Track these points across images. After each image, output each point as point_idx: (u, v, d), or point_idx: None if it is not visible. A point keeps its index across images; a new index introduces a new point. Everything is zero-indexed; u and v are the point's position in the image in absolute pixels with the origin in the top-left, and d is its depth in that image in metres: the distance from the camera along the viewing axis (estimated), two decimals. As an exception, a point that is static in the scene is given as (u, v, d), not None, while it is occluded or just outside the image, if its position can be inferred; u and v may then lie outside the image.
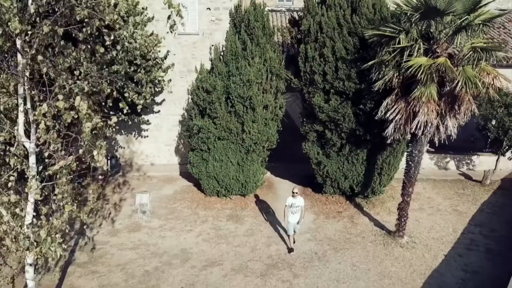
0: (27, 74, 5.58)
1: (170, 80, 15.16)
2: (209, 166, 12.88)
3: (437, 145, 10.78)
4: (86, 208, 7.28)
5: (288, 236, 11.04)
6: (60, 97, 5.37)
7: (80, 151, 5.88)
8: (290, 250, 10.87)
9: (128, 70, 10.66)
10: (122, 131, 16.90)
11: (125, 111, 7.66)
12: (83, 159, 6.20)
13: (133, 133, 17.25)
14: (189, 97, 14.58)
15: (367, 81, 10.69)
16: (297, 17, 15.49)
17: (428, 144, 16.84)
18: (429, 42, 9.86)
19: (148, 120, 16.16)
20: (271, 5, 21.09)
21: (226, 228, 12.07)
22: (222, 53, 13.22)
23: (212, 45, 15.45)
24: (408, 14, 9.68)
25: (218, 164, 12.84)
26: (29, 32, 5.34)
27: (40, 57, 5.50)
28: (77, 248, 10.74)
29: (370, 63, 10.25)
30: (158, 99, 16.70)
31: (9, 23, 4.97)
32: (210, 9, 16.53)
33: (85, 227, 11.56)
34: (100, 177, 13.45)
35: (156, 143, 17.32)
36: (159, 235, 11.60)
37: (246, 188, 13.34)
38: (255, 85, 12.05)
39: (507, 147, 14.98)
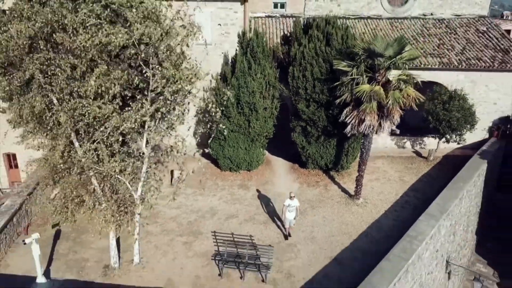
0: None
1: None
2: (225, 150, 18.56)
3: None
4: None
5: (284, 228, 14.99)
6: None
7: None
8: (286, 236, 14.83)
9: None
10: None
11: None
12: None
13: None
14: (205, 93, 19.90)
15: (334, 95, 16.22)
16: (288, 34, 20.80)
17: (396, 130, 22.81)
18: (373, 72, 15.33)
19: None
20: (267, 11, 26.08)
21: (238, 194, 17.92)
22: (231, 63, 18.58)
23: (222, 53, 20.77)
24: (360, 53, 15.09)
25: (231, 148, 18.50)
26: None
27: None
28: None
29: (335, 84, 15.80)
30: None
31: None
32: (220, 25, 21.57)
33: (142, 193, 17.28)
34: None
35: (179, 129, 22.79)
36: (193, 199, 17.42)
37: (251, 165, 19.12)
38: (257, 94, 17.54)
39: (443, 133, 20.71)
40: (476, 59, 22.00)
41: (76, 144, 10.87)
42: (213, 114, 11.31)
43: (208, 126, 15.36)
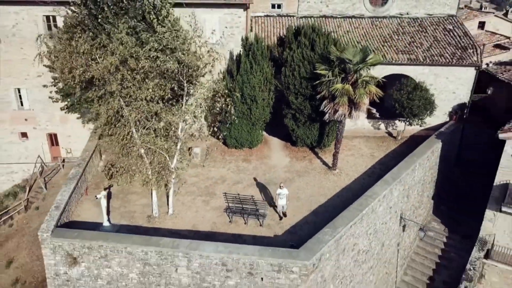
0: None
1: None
2: (232, 132, 24.22)
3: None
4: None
5: (278, 211, 19.61)
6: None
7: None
8: (281, 217, 19.41)
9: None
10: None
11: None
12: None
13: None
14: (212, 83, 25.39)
15: (316, 90, 21.75)
16: (283, 36, 26.14)
17: (377, 113, 28.49)
18: (345, 73, 20.80)
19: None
20: (266, 11, 31.20)
21: (242, 166, 23.69)
22: (236, 60, 23.97)
23: (230, 51, 26.01)
24: (335, 60, 20.55)
25: (236, 131, 24.15)
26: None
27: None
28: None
29: (316, 82, 21.33)
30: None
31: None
32: (227, 27, 26.79)
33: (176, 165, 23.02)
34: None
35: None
36: (207, 169, 23.18)
37: (252, 143, 24.83)
38: (257, 88, 23.06)
39: (407, 118, 26.31)
40: (439, 55, 27.35)
41: (134, 130, 16.54)
42: (230, 110, 16.90)
43: (222, 115, 20.95)
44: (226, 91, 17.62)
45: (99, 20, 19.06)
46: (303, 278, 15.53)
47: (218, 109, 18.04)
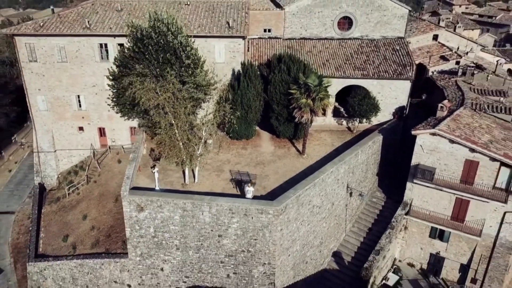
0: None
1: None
2: (234, 128, 37.41)
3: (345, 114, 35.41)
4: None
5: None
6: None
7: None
8: None
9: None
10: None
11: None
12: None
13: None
14: (220, 93, 38.54)
15: (290, 102, 34.90)
16: (270, 59, 39.26)
17: (344, 112, 41.55)
18: (309, 92, 33.87)
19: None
20: (259, 34, 44.05)
21: (241, 152, 37.22)
22: (236, 77, 37.21)
23: (232, 69, 39.09)
24: (302, 82, 33.64)
25: (237, 127, 37.34)
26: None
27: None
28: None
29: (290, 97, 34.55)
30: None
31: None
32: (230, 51, 39.70)
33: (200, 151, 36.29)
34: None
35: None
36: (217, 155, 36.46)
37: (248, 136, 38.35)
38: (251, 98, 36.28)
39: (358, 118, 39.51)
40: (384, 71, 40.39)
41: (176, 131, 29.74)
42: (232, 122, 30.21)
43: (227, 122, 34.45)
44: (231, 110, 30.99)
45: (146, 55, 32.20)
46: (275, 217, 28.99)
47: (226, 121, 31.25)
